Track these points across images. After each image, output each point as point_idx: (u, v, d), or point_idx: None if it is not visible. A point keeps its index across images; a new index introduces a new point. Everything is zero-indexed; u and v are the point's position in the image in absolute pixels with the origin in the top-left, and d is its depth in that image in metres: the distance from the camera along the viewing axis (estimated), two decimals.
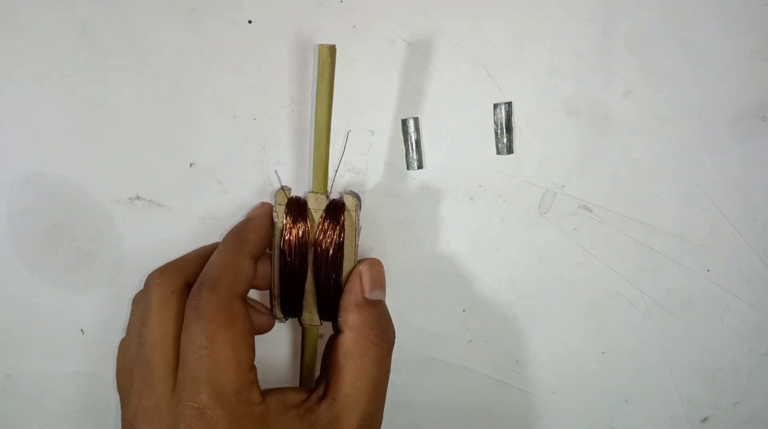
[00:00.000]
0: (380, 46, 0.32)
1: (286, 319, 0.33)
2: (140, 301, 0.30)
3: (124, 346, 0.32)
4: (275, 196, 0.32)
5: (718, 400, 0.37)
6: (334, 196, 0.33)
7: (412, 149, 0.33)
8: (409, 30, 0.32)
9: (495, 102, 0.33)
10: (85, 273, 0.33)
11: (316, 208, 0.31)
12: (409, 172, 0.33)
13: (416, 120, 0.32)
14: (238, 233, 0.31)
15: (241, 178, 0.33)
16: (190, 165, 0.32)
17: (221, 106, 0.32)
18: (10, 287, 0.33)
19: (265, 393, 0.29)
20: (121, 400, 0.32)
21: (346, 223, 0.31)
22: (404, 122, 0.32)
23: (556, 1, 0.32)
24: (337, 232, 0.31)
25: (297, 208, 0.31)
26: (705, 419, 0.37)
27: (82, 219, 0.33)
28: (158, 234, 0.33)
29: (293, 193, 0.32)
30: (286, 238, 0.31)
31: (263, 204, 0.33)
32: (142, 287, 0.34)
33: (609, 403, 0.36)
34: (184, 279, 0.30)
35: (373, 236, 0.34)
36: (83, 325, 0.34)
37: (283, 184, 0.33)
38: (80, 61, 0.31)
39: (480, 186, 0.33)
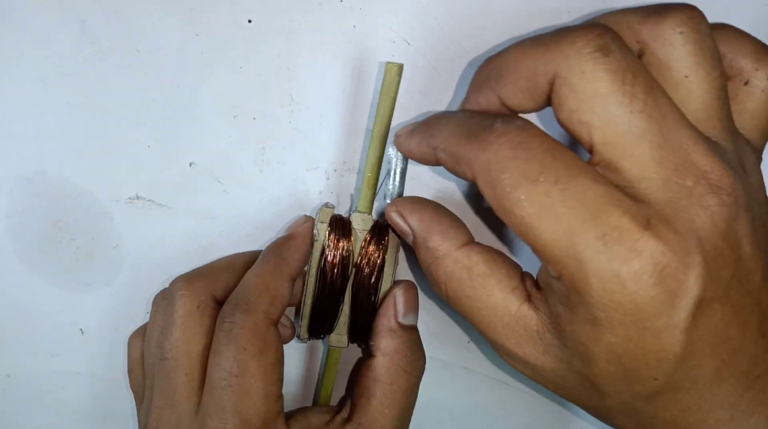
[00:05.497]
0: (380, 46, 0.32)
1: (310, 340, 0.33)
2: (163, 308, 0.30)
3: (135, 342, 0.32)
4: (318, 213, 0.31)
5: None
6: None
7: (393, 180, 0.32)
8: (409, 30, 0.32)
9: None
10: (85, 272, 0.33)
11: (362, 228, 0.31)
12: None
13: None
14: (278, 252, 0.30)
15: (241, 178, 0.33)
16: (190, 165, 0.32)
17: (221, 105, 0.32)
18: (9, 287, 0.33)
19: (288, 418, 0.29)
20: (135, 399, 0.32)
21: (389, 244, 0.31)
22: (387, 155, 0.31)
23: (556, 0, 0.32)
24: (380, 253, 0.30)
25: (341, 227, 0.30)
26: None
27: (81, 218, 0.33)
28: (158, 233, 0.33)
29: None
30: (329, 258, 0.30)
31: (306, 218, 0.31)
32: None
33: None
34: (212, 292, 0.29)
35: None
36: (83, 324, 0.34)
37: (327, 202, 0.32)
38: (80, 61, 0.31)
39: None
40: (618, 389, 0.24)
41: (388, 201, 0.31)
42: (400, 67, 0.29)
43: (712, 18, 0.33)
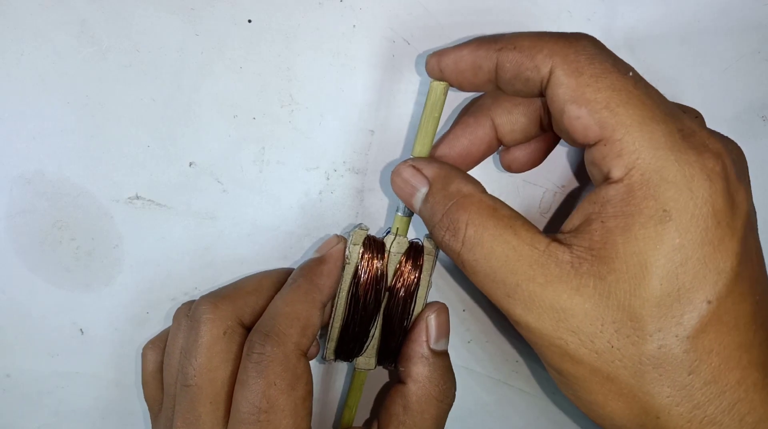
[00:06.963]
0: (380, 46, 0.32)
1: (336, 362, 0.32)
2: (186, 328, 0.29)
3: (149, 354, 0.31)
4: (352, 235, 0.30)
5: None
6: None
7: None
8: (409, 30, 0.32)
9: None
10: (85, 272, 0.33)
11: (397, 250, 0.30)
12: None
13: None
14: (310, 277, 0.29)
15: (241, 178, 0.33)
16: (190, 164, 0.32)
17: (221, 105, 0.32)
18: (9, 287, 0.33)
19: None
20: (149, 411, 0.32)
21: (423, 267, 0.30)
22: None
23: (556, 1, 0.32)
24: (415, 277, 0.30)
25: (376, 249, 0.30)
26: None
27: (81, 218, 0.33)
28: (158, 233, 0.33)
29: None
30: (362, 281, 0.29)
31: (338, 239, 0.30)
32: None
33: None
34: (239, 316, 0.28)
35: None
36: (83, 324, 0.34)
37: (361, 223, 0.32)
38: (80, 61, 0.31)
39: None
40: (660, 326, 0.23)
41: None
42: (446, 86, 0.28)
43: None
